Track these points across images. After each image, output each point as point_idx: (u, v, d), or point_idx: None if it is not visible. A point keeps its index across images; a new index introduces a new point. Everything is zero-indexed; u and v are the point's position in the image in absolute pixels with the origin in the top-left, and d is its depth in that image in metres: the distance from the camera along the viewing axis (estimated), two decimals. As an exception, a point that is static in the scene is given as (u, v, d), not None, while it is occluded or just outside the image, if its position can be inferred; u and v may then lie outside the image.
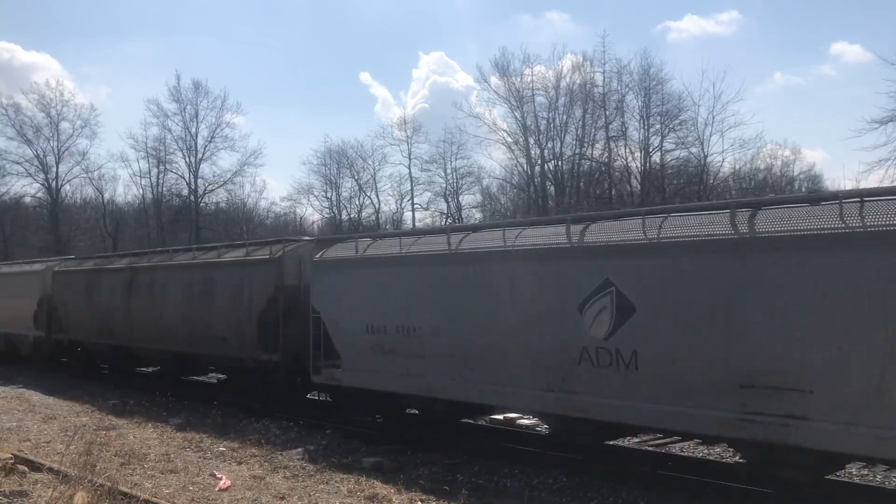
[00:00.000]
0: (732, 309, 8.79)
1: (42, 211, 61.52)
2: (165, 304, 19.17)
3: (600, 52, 52.28)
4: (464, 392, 11.86)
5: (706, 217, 9.55)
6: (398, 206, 64.70)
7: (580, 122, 52.82)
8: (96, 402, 18.40)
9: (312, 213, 69.16)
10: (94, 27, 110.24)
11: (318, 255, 15.02)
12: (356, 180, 64.81)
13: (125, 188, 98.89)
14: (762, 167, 55.66)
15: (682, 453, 12.43)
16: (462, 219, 61.54)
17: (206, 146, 61.76)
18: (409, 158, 61.90)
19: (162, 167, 62.08)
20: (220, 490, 10.36)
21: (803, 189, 63.95)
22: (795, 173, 61.01)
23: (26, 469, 11.13)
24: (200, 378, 21.76)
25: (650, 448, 12.73)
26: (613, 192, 52.21)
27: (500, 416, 15.26)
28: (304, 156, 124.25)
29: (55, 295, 24.34)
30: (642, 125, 51.54)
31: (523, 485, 10.64)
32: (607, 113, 52.25)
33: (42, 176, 59.78)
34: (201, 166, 61.72)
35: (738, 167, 51.57)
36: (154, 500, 9.52)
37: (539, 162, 53.73)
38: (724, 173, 50.81)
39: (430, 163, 61.32)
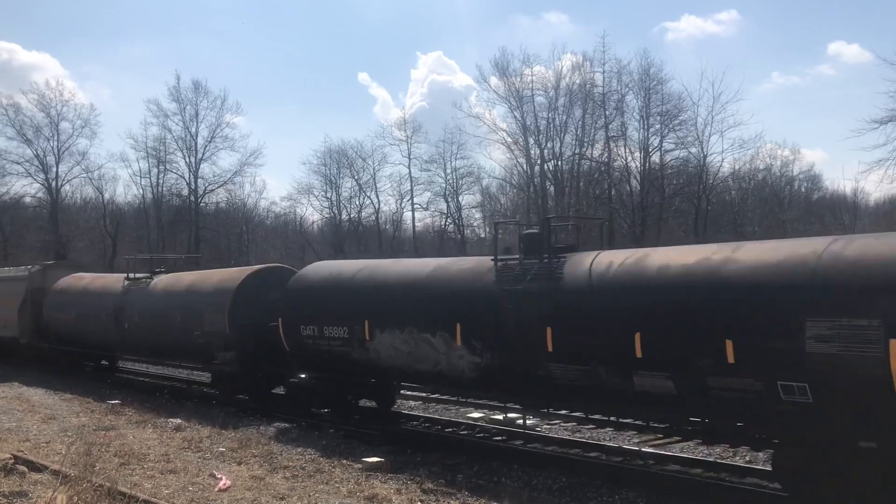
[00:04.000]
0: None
1: (42, 211, 61.35)
2: None
3: (600, 52, 52.26)
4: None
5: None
6: (398, 206, 64.72)
7: (580, 122, 52.82)
8: (96, 403, 18.39)
9: (312, 213, 69.11)
10: (94, 27, 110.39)
11: None
12: (356, 180, 64.80)
13: (125, 188, 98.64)
14: (761, 167, 55.65)
15: (681, 453, 12.43)
16: (462, 219, 61.57)
17: (206, 146, 61.71)
18: (409, 158, 61.92)
19: (162, 167, 62.03)
20: (220, 490, 10.36)
21: (803, 189, 63.99)
22: (795, 173, 61.01)
23: (25, 469, 11.13)
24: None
25: (650, 448, 12.72)
26: (613, 192, 52.18)
27: (500, 416, 15.25)
28: (304, 156, 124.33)
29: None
30: (642, 125, 51.55)
31: (523, 485, 10.63)
32: (607, 113, 52.25)
33: (42, 176, 59.72)
34: (201, 166, 61.66)
35: (737, 167, 51.60)
36: (154, 500, 9.51)
37: (539, 162, 53.72)
38: (723, 173, 50.83)
39: (430, 163, 61.36)
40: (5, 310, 26.50)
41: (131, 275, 21.23)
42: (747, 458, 12.02)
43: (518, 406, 12.91)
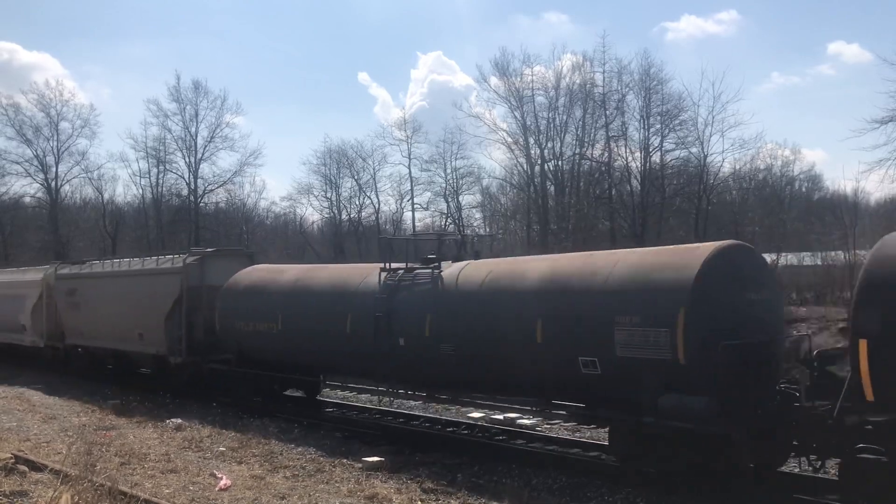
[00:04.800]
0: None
1: (41, 211, 61.26)
2: None
3: (600, 52, 52.15)
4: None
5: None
6: (398, 206, 64.68)
7: (580, 122, 52.69)
8: (96, 402, 18.39)
9: (312, 213, 69.07)
10: (94, 27, 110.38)
11: None
12: (356, 180, 64.65)
13: (125, 188, 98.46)
14: (762, 167, 55.52)
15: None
16: (462, 219, 61.53)
17: (205, 146, 61.49)
18: (409, 158, 61.78)
19: (162, 167, 61.85)
20: (221, 490, 10.37)
21: (803, 189, 64.00)
22: (795, 173, 60.90)
23: (26, 469, 11.14)
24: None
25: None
26: (613, 192, 52.14)
27: (501, 416, 15.25)
28: (304, 156, 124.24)
29: None
30: (642, 125, 51.40)
31: (523, 485, 10.64)
32: (607, 113, 52.11)
33: (41, 176, 59.54)
34: (201, 166, 61.49)
35: (737, 167, 51.45)
36: (154, 499, 9.53)
37: (539, 162, 53.61)
38: (724, 173, 50.71)
39: (430, 163, 61.21)
40: (147, 316, 19.15)
41: (391, 265, 14.13)
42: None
43: None
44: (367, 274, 14.49)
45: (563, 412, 11.76)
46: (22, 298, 25.59)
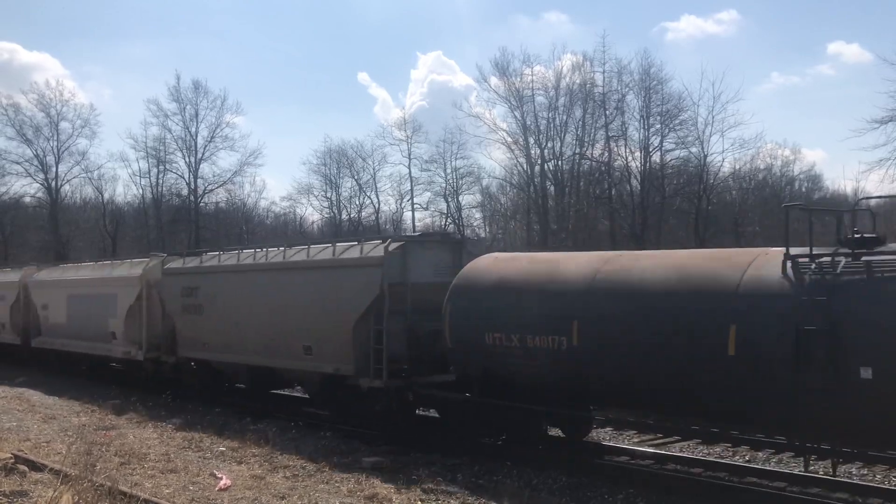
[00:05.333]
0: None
1: (42, 211, 61.27)
2: None
3: (600, 52, 52.18)
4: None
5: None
6: (398, 206, 64.74)
7: (580, 122, 52.71)
8: (96, 402, 18.39)
9: (312, 213, 69.17)
10: (94, 27, 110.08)
11: None
12: (356, 180, 64.77)
13: (125, 188, 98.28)
14: (762, 167, 55.53)
15: (682, 453, 12.44)
16: (462, 219, 61.53)
17: (205, 146, 61.50)
18: (409, 158, 61.84)
19: (161, 167, 61.87)
20: (221, 490, 10.38)
21: (803, 189, 64.02)
22: (795, 173, 60.89)
23: (26, 469, 11.15)
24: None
25: (650, 448, 12.74)
26: (613, 192, 52.16)
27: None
28: (304, 156, 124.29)
29: None
30: (642, 125, 51.43)
31: (523, 485, 10.64)
32: (607, 113, 52.13)
33: (42, 176, 59.52)
34: (201, 166, 61.51)
35: (737, 167, 51.48)
36: (154, 499, 9.53)
37: (539, 162, 53.62)
38: (724, 173, 50.72)
39: (430, 163, 61.27)
40: (321, 323, 14.46)
41: (812, 250, 9.19)
42: (747, 458, 12.05)
43: None
44: (748, 262, 9.70)
45: None
46: (112, 299, 20.84)
